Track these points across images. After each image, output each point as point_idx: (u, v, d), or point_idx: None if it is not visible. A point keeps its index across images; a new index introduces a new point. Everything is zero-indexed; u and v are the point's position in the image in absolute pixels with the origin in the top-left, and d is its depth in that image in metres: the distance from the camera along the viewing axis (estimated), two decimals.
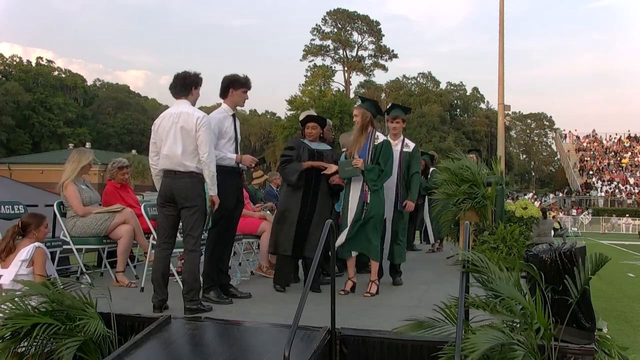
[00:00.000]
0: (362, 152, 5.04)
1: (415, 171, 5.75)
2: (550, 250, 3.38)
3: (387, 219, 5.49)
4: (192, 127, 4.24)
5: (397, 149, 5.62)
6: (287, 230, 5.20)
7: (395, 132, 5.76)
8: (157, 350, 3.58)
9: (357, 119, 5.07)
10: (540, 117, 78.30)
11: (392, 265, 5.72)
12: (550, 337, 3.12)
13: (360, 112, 5.07)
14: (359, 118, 5.07)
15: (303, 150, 5.31)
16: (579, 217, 38.86)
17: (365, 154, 5.02)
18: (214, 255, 4.78)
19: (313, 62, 63.89)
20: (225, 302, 4.63)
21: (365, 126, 5.09)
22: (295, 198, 5.24)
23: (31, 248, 4.22)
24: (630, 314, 7.99)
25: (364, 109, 5.11)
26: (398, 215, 5.60)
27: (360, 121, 5.06)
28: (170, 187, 4.27)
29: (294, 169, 5.21)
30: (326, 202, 5.34)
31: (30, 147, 52.35)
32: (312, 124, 5.41)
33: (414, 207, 5.68)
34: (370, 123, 5.12)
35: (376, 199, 5.02)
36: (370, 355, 3.59)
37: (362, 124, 5.07)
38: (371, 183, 4.97)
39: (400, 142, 5.73)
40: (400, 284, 5.65)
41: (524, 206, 6.80)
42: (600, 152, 52.14)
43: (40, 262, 4.21)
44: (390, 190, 5.51)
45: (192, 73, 4.44)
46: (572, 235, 24.78)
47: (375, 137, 5.08)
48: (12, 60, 57.88)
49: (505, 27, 18.84)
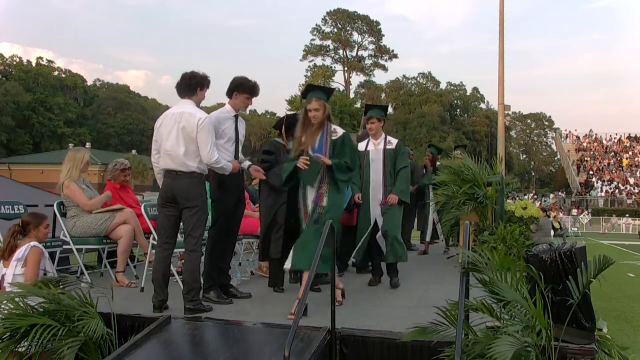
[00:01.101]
0: (318, 147, 4.52)
1: (402, 166, 5.58)
2: (550, 250, 3.38)
3: (377, 219, 5.46)
4: (193, 129, 4.23)
5: (380, 148, 5.59)
6: (276, 235, 5.23)
7: (372, 132, 5.67)
8: (157, 350, 3.58)
9: (317, 113, 4.48)
10: (540, 117, 78.32)
11: (388, 265, 5.56)
12: (551, 337, 3.12)
13: (322, 104, 4.51)
14: (320, 112, 4.49)
15: (281, 153, 5.31)
16: (578, 217, 38.85)
17: (322, 149, 4.51)
18: (215, 255, 4.78)
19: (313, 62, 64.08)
20: (225, 302, 4.63)
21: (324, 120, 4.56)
22: (280, 201, 5.24)
23: (26, 247, 4.20)
24: (630, 314, 7.99)
25: (324, 100, 4.54)
26: (390, 214, 5.46)
27: (320, 115, 4.49)
28: (171, 188, 4.27)
29: (277, 174, 4.99)
30: None
31: (30, 147, 52.36)
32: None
33: (396, 200, 5.46)
34: (328, 117, 4.58)
35: (333, 201, 4.51)
36: (370, 355, 3.59)
37: (322, 118, 4.52)
38: (341, 183, 4.51)
39: (382, 141, 5.64)
40: (397, 285, 5.50)
41: (524, 206, 6.80)
42: (600, 152, 52.15)
43: (33, 262, 4.16)
44: (377, 191, 5.47)
45: (199, 74, 4.43)
46: (572, 235, 24.78)
47: (332, 131, 4.57)
48: (12, 60, 57.89)
49: (505, 27, 18.86)
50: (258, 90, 4.87)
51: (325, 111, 4.52)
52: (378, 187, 5.51)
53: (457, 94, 68.99)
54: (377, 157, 5.58)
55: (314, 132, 4.52)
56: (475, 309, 3.28)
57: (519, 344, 2.94)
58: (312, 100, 4.50)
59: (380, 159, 5.55)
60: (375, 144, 5.62)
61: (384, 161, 5.56)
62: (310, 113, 4.51)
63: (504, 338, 2.96)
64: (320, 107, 4.49)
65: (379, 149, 5.59)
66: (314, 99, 4.50)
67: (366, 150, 5.65)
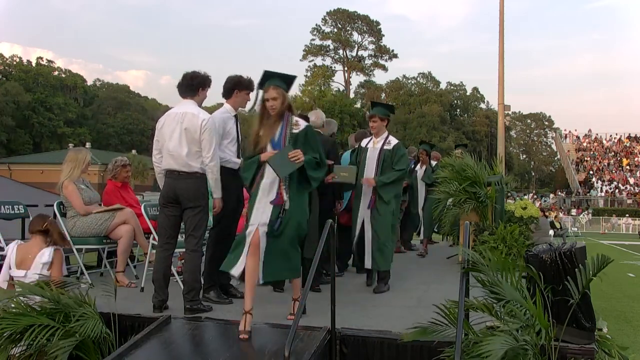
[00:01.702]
0: (278, 141, 3.98)
1: (399, 169, 5.39)
2: (550, 250, 3.38)
3: (366, 222, 5.34)
4: (197, 130, 4.23)
5: (378, 147, 5.49)
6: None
7: (374, 131, 5.57)
8: (157, 350, 3.58)
9: (275, 103, 3.95)
10: (540, 117, 78.32)
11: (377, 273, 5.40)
12: (551, 337, 3.12)
13: (281, 93, 3.97)
14: (278, 101, 3.96)
15: None
16: (578, 217, 38.85)
17: (280, 144, 3.96)
18: (215, 255, 4.77)
19: (313, 62, 64.01)
20: (225, 302, 4.63)
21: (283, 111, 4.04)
22: None
23: (49, 251, 4.31)
24: (630, 314, 7.99)
25: (283, 89, 4.01)
26: (378, 218, 5.31)
27: (279, 105, 3.96)
28: (173, 188, 4.27)
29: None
30: (326, 204, 5.34)
31: (30, 147, 52.34)
32: None
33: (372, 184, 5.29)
34: (289, 107, 4.07)
35: (297, 204, 3.94)
36: (370, 355, 3.59)
37: (281, 109, 3.98)
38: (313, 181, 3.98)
39: (382, 140, 5.53)
40: (385, 290, 5.28)
41: (524, 206, 6.80)
42: (600, 152, 52.15)
43: (59, 264, 4.33)
44: (367, 191, 5.36)
45: (201, 73, 4.43)
46: (572, 235, 24.78)
47: (293, 124, 4.04)
48: (12, 60, 57.88)
49: (505, 27, 18.87)
50: (254, 86, 4.89)
51: (284, 101, 4.01)
52: (367, 188, 5.37)
53: (457, 94, 68.99)
54: (373, 155, 5.49)
55: (272, 125, 4.01)
56: (475, 308, 3.28)
57: (515, 343, 2.94)
58: (270, 88, 3.99)
59: (375, 157, 5.45)
60: (375, 142, 5.55)
61: (378, 161, 5.44)
62: (267, 103, 3.99)
63: (498, 337, 2.96)
64: (278, 96, 3.97)
65: (376, 148, 5.50)
66: (272, 87, 3.99)
67: (365, 147, 5.58)
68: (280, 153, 3.84)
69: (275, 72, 4.05)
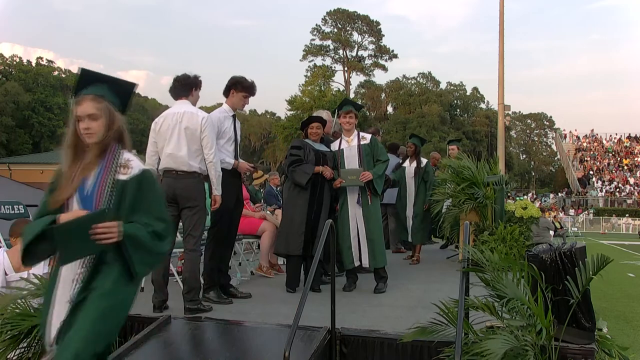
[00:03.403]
0: (91, 190, 2.41)
1: (383, 160, 5.37)
2: (550, 250, 3.38)
3: (358, 219, 5.31)
4: (197, 128, 4.25)
5: (354, 145, 5.41)
6: (297, 231, 5.20)
7: (349, 127, 5.44)
8: (157, 350, 3.58)
9: (92, 126, 2.42)
10: (540, 117, 78.27)
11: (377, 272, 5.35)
12: (551, 337, 3.12)
13: (103, 108, 2.46)
14: (99, 123, 2.44)
15: (309, 150, 5.31)
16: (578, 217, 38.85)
17: (92, 199, 2.40)
18: (215, 255, 4.78)
19: (313, 62, 63.88)
20: (225, 302, 4.63)
21: None
22: (302, 199, 5.24)
23: None
24: (630, 314, 7.99)
25: (112, 103, 2.50)
26: (369, 214, 5.30)
27: (99, 129, 2.43)
28: (172, 188, 4.26)
29: (305, 172, 5.17)
30: (329, 204, 5.38)
31: (30, 147, 52.29)
32: (316, 124, 5.43)
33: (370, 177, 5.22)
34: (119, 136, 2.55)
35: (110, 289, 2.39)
36: (370, 355, 3.59)
37: (103, 136, 2.45)
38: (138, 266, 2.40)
39: (355, 137, 5.45)
40: (384, 290, 5.23)
41: (524, 206, 6.80)
42: (600, 152, 52.16)
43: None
44: (354, 189, 5.30)
45: (191, 75, 4.48)
46: (572, 235, 24.77)
47: (122, 164, 2.47)
48: (12, 60, 57.85)
49: (505, 27, 18.90)
50: (255, 90, 4.92)
51: (111, 122, 2.44)
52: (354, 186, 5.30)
53: (457, 94, 68.92)
54: (352, 153, 5.38)
55: (87, 164, 2.43)
56: (476, 307, 3.28)
57: (515, 342, 2.93)
58: (86, 100, 2.45)
59: (355, 155, 5.36)
60: (349, 141, 5.44)
61: (360, 157, 5.35)
62: (81, 124, 2.41)
63: (499, 336, 2.96)
64: (99, 114, 2.42)
65: (352, 146, 5.41)
66: (89, 98, 2.45)
67: (339, 149, 5.44)
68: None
69: (94, 74, 2.62)
